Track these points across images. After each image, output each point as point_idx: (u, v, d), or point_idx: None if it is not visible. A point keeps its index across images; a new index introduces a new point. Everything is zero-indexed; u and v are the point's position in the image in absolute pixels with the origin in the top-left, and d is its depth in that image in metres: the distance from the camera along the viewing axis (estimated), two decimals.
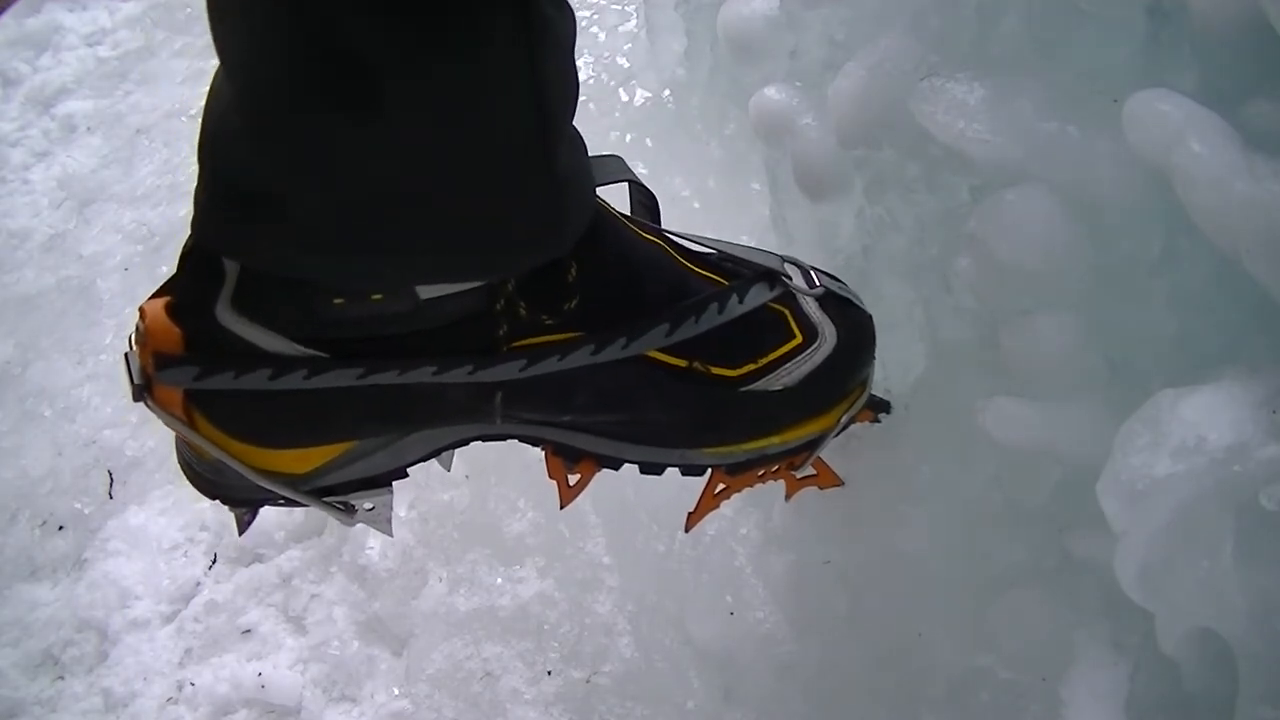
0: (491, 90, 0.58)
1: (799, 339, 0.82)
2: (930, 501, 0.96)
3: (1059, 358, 0.78)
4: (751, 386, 0.80)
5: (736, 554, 1.16)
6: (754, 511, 1.12)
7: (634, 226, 0.79)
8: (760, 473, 0.88)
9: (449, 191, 0.60)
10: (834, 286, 0.87)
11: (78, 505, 1.59)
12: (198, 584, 1.46)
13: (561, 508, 0.86)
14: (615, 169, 0.83)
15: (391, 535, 0.84)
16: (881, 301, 0.97)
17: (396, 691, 1.29)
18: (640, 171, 1.72)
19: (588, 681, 1.22)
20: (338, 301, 0.63)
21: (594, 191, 0.73)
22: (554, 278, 0.70)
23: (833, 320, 0.84)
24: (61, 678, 1.42)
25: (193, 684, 1.37)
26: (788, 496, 0.92)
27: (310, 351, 0.64)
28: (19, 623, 1.48)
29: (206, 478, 0.73)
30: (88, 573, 1.51)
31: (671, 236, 0.83)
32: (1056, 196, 0.75)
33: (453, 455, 0.83)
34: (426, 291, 0.64)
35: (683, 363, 0.77)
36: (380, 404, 0.68)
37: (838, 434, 0.87)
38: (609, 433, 0.79)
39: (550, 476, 0.85)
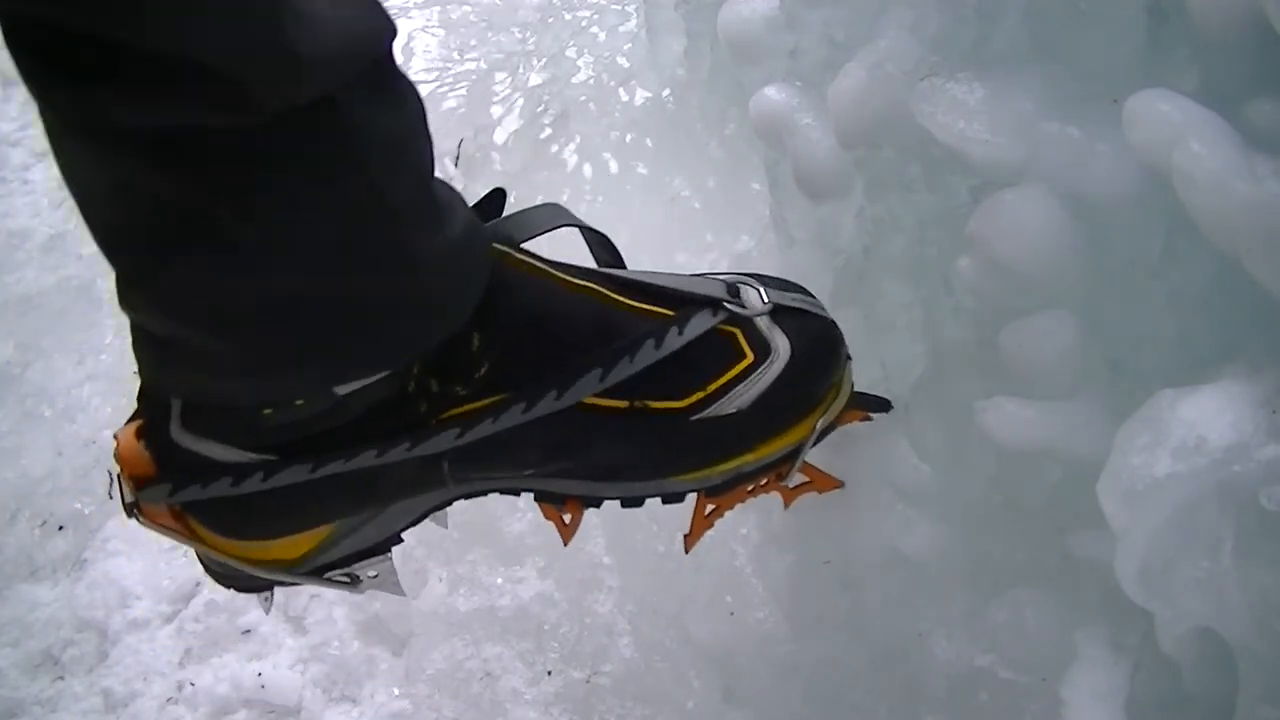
0: (319, 210, 0.62)
1: (749, 359, 0.80)
2: (930, 501, 0.96)
3: (1059, 358, 0.78)
4: (703, 414, 0.79)
5: (736, 554, 1.16)
6: (754, 512, 1.12)
7: (560, 274, 0.79)
8: (749, 488, 0.87)
9: (320, 302, 0.65)
10: (787, 299, 0.85)
11: (78, 505, 1.59)
12: (197, 584, 1.46)
13: (565, 545, 0.89)
14: (545, 220, 0.82)
15: (404, 594, 0.89)
16: (881, 301, 0.97)
17: (396, 691, 1.30)
18: (640, 172, 1.73)
19: (588, 681, 1.22)
20: (267, 412, 0.69)
21: (483, 259, 0.73)
22: (457, 351, 0.72)
23: (787, 334, 0.82)
24: (61, 678, 1.42)
25: (193, 684, 1.37)
26: (786, 504, 0.92)
27: (261, 456, 0.70)
28: (19, 623, 1.48)
29: (217, 571, 0.80)
30: (88, 573, 1.51)
31: (615, 274, 0.82)
32: (1056, 196, 0.75)
33: (446, 513, 0.85)
34: (342, 389, 0.69)
35: (623, 404, 0.77)
36: (343, 489, 0.73)
37: (816, 441, 0.86)
38: (576, 475, 0.81)
39: (546, 518, 0.88)
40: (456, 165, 2.09)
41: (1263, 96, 0.67)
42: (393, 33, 0.63)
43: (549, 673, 1.24)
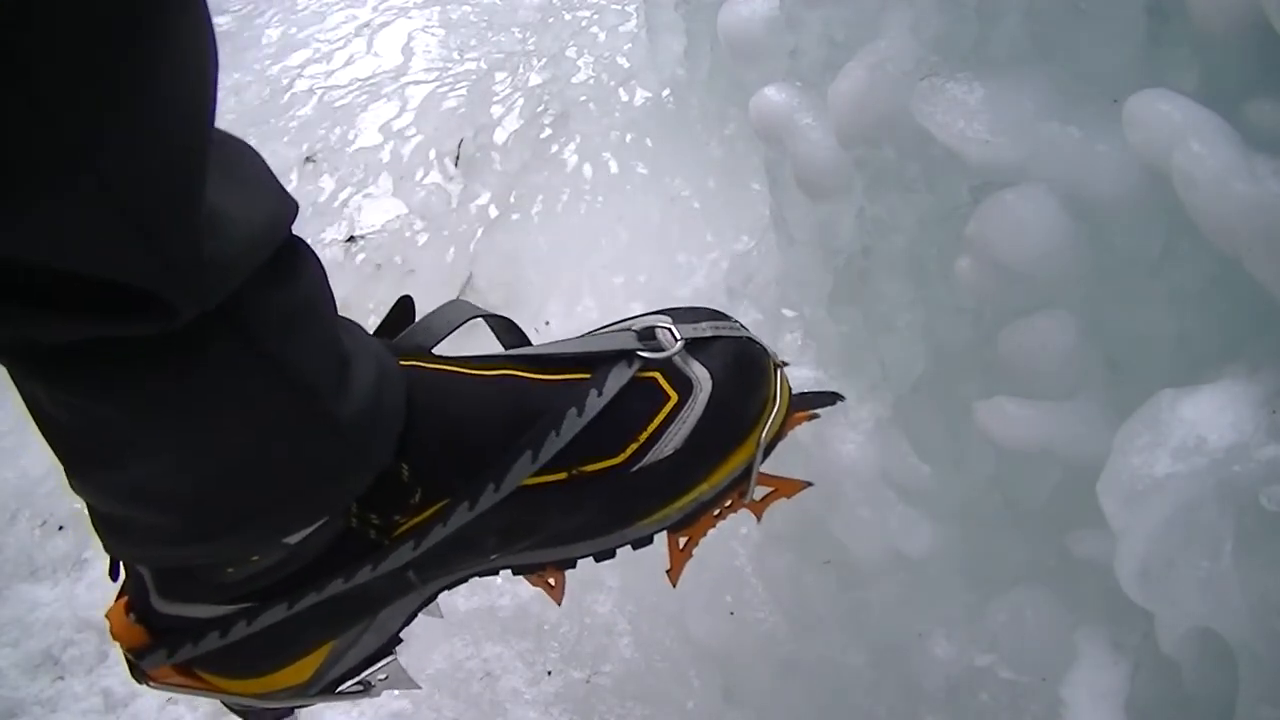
0: (239, 405, 0.64)
1: (674, 399, 0.81)
2: (930, 501, 0.96)
3: (1059, 358, 0.78)
4: (642, 463, 0.80)
5: (737, 554, 1.16)
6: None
7: (474, 369, 0.80)
8: (714, 513, 0.87)
9: (251, 474, 0.68)
10: (699, 330, 0.85)
11: (78, 505, 1.57)
12: None
13: (559, 605, 0.92)
14: (450, 319, 0.84)
15: (420, 688, 0.91)
16: (881, 301, 0.97)
17: (396, 691, 1.29)
18: (640, 172, 1.73)
19: (588, 681, 1.22)
20: (229, 570, 0.72)
21: (398, 392, 0.74)
22: (390, 485, 0.74)
23: (703, 363, 0.82)
24: (61, 678, 1.43)
25: None
26: (758, 518, 0.92)
27: (240, 606, 0.73)
28: (19, 623, 1.48)
29: (240, 709, 0.83)
30: (88, 573, 1.51)
31: (526, 353, 0.83)
32: (1056, 196, 0.75)
33: (438, 604, 0.88)
34: (291, 539, 0.71)
35: (562, 475, 0.78)
36: (326, 615, 0.76)
37: (766, 454, 0.86)
38: (542, 545, 0.83)
39: (533, 586, 0.91)
40: (456, 165, 2.09)
41: (1263, 96, 0.67)
42: (295, 211, 0.66)
43: (549, 673, 1.24)
